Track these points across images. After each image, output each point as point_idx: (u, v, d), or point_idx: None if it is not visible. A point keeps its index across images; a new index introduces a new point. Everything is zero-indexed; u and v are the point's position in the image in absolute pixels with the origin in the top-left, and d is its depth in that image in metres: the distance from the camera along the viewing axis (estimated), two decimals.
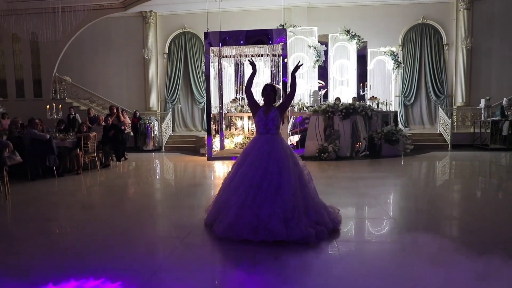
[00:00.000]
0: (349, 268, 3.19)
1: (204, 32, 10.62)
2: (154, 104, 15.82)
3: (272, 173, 3.85)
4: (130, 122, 12.80)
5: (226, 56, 11.82)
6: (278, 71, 11.29)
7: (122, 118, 11.33)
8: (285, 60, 10.39)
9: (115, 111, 11.18)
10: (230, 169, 4.28)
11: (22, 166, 7.97)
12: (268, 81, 12.42)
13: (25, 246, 3.91)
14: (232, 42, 10.45)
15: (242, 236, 3.68)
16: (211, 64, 10.86)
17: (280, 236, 3.62)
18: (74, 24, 12.09)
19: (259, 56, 11.36)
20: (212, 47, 10.56)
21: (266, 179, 3.83)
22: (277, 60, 11.26)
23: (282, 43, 10.14)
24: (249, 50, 11.02)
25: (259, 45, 10.67)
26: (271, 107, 4.20)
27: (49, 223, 4.85)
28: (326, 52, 13.23)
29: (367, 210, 5.24)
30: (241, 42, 10.29)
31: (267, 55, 11.36)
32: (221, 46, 10.62)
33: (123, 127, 11.81)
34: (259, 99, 4.95)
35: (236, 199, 3.85)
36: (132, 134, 13.36)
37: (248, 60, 4.48)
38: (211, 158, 10.36)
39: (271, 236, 3.63)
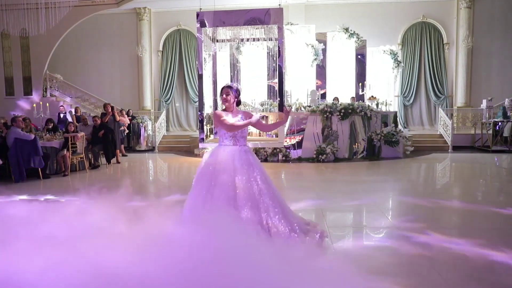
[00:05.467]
0: None
1: (196, 12, 9.96)
2: (148, 103, 15.45)
3: None
4: (128, 121, 12.32)
5: (219, 41, 11.24)
6: (276, 57, 10.75)
7: (118, 118, 10.86)
8: (281, 42, 9.75)
9: (109, 109, 10.42)
10: None
11: (6, 168, 7.64)
12: (265, 69, 12.02)
13: None
14: (228, 23, 9.76)
15: None
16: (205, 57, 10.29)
17: None
18: (59, 18, 11.61)
19: (255, 40, 10.86)
20: (204, 28, 9.91)
21: None
22: (274, 45, 10.76)
23: (278, 25, 9.60)
24: (245, 32, 10.51)
25: (255, 26, 10.04)
26: (238, 113, 3.63)
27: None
28: (324, 51, 12.93)
29: (366, 217, 4.92)
30: (238, 22, 9.68)
31: (264, 39, 10.87)
32: (215, 26, 10.02)
33: (122, 128, 11.35)
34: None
35: None
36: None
37: None
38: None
39: None
